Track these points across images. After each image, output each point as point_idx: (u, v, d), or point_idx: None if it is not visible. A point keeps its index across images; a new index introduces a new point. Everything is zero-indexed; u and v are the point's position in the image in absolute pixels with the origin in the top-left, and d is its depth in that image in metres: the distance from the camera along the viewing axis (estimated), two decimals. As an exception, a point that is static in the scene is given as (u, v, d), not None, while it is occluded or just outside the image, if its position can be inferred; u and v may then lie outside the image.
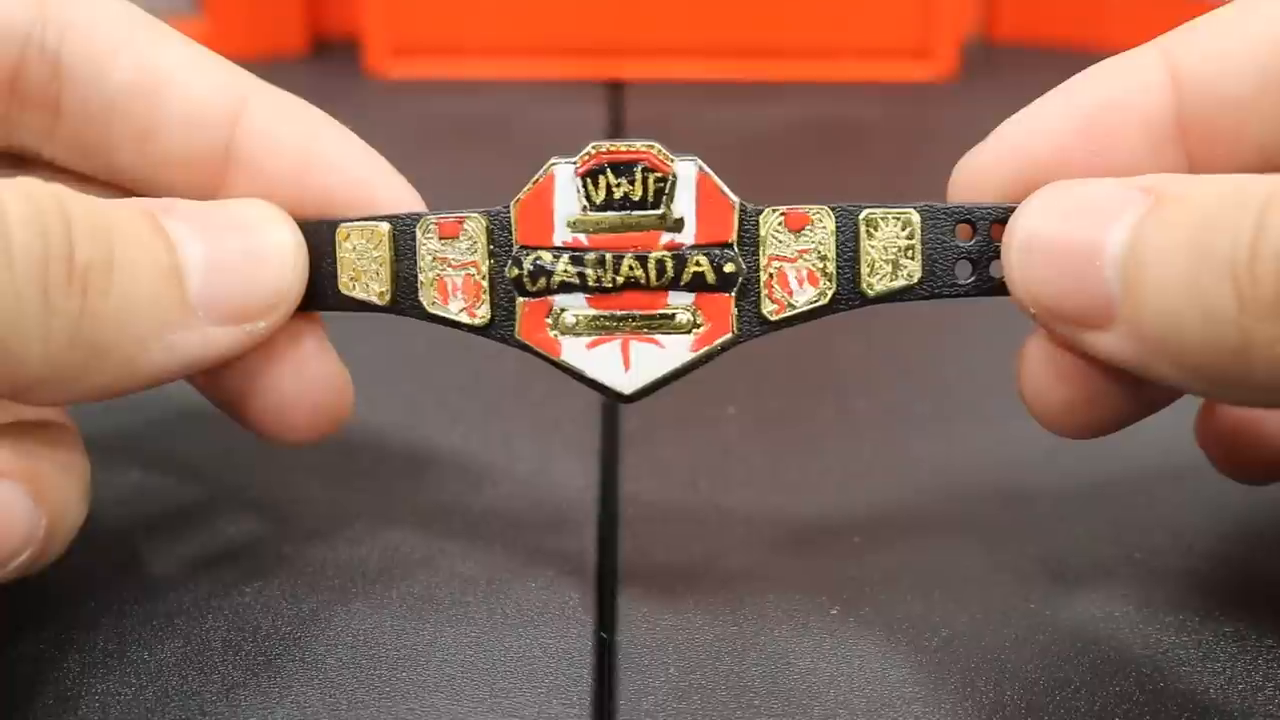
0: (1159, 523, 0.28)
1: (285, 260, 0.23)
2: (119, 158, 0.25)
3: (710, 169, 0.23)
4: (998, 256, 0.23)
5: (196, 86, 0.24)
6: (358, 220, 0.24)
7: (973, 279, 0.23)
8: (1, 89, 0.24)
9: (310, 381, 0.25)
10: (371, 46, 0.62)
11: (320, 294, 0.24)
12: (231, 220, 0.23)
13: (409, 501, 0.29)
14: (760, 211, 0.23)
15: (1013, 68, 0.64)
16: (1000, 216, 0.23)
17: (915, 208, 0.23)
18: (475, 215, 0.24)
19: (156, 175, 0.25)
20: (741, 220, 0.23)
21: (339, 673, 0.23)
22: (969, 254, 0.23)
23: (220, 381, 0.25)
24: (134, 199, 0.23)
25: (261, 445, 0.26)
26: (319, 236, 0.24)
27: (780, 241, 0.23)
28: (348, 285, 0.24)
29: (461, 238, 0.24)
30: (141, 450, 0.30)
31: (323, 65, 0.64)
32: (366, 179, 0.25)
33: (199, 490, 0.29)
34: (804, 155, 0.53)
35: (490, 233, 0.23)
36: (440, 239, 0.24)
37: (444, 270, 0.24)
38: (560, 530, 0.28)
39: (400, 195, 0.25)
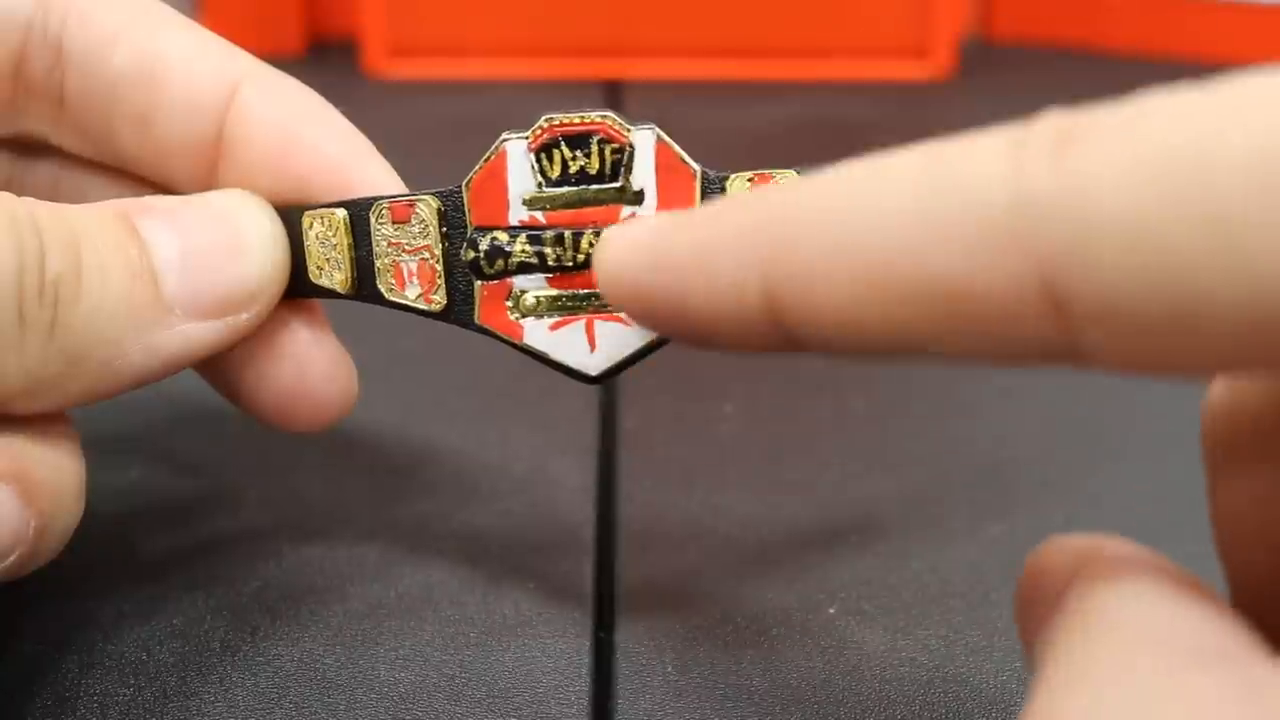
0: (1160, 522, 0.28)
1: (264, 250, 0.23)
2: (122, 144, 0.24)
3: (669, 137, 0.22)
4: None
5: (192, 72, 0.24)
6: (320, 207, 0.23)
7: None
8: (6, 77, 0.24)
9: (309, 370, 0.24)
10: (369, 47, 0.62)
11: (297, 282, 0.24)
12: (207, 213, 0.23)
13: (407, 501, 0.29)
14: (725, 178, 0.22)
15: (1010, 67, 0.64)
16: None
17: None
18: (426, 197, 0.23)
19: (157, 161, 0.24)
20: (704, 188, 0.22)
21: (337, 673, 0.23)
22: None
23: (219, 373, 0.25)
24: (109, 201, 0.22)
25: (259, 445, 0.25)
26: (290, 223, 0.23)
27: None
28: (315, 273, 0.23)
29: (413, 221, 0.23)
30: (141, 449, 0.30)
31: (320, 66, 0.63)
32: (342, 162, 0.24)
33: (198, 490, 0.29)
34: (801, 154, 0.53)
35: (442, 214, 0.22)
36: (393, 223, 0.23)
37: (399, 255, 0.23)
38: (558, 530, 0.28)
39: (376, 178, 0.24)
